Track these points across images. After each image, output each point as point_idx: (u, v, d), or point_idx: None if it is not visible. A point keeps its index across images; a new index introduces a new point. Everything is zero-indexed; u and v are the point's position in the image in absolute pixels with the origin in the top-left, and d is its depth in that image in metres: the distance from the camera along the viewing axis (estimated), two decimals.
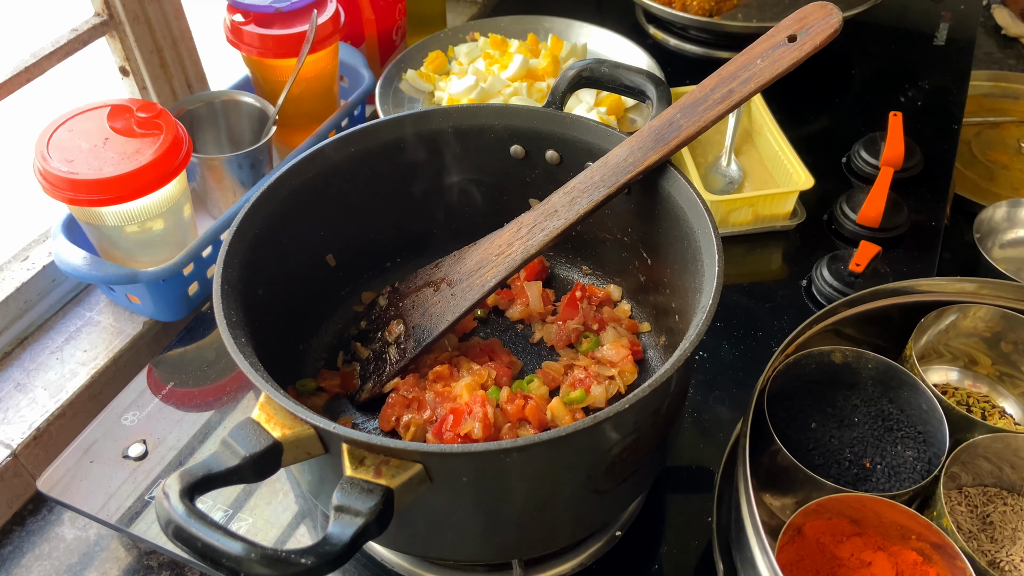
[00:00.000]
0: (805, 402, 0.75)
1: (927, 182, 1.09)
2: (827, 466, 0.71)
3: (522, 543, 0.64)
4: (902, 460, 0.71)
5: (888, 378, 0.74)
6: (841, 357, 0.75)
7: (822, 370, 0.75)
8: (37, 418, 0.83)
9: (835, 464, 0.71)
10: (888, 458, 0.71)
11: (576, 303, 0.81)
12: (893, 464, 0.71)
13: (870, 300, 0.76)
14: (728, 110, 0.66)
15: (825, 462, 0.71)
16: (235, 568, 0.46)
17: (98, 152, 0.82)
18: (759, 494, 0.72)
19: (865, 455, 0.71)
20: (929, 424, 0.71)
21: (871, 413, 0.74)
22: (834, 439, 0.73)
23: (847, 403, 0.75)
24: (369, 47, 1.23)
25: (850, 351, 0.74)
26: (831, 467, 0.71)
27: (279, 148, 1.10)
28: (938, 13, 1.42)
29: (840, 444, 0.72)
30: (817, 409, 0.75)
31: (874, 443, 0.72)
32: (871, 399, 0.75)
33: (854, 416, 0.74)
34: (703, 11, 1.25)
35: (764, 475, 0.71)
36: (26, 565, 0.77)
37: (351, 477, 0.51)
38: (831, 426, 0.74)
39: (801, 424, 0.74)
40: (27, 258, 0.93)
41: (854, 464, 0.71)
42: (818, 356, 0.74)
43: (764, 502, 0.73)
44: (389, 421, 0.73)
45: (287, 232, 0.73)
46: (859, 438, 0.73)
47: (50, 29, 0.93)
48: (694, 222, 0.67)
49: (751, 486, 0.61)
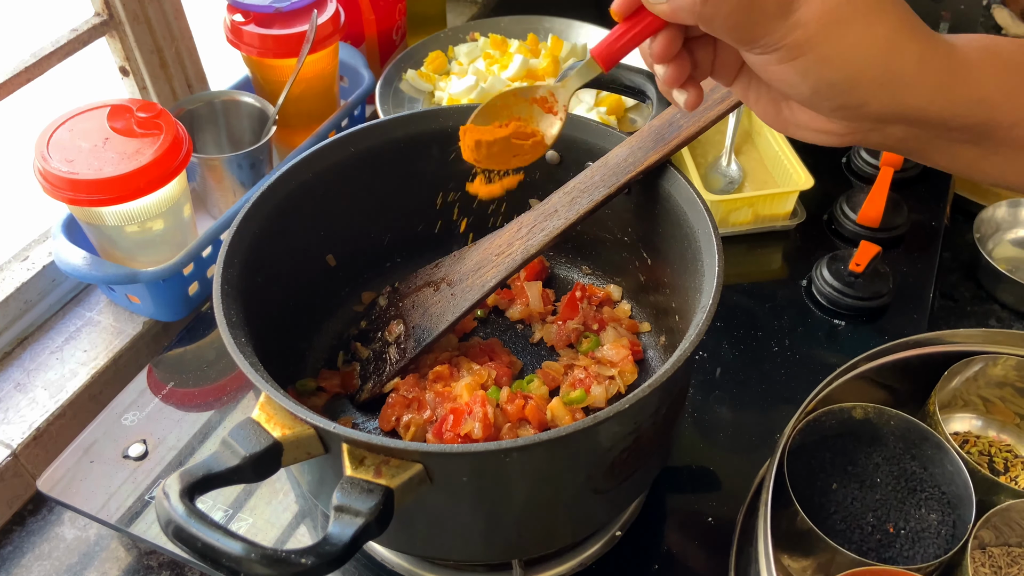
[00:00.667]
0: (824, 459, 0.73)
1: (927, 182, 1.09)
2: (849, 532, 0.69)
3: (522, 543, 0.64)
4: (926, 524, 0.68)
5: (911, 435, 0.72)
6: (862, 413, 0.72)
7: (843, 425, 0.73)
8: (37, 418, 0.83)
9: (858, 529, 0.69)
10: (912, 522, 0.69)
11: (576, 303, 0.81)
12: (917, 528, 0.68)
13: (894, 352, 0.74)
14: (728, 110, 0.66)
15: (847, 527, 0.69)
16: (235, 568, 0.46)
17: (98, 152, 0.82)
18: (778, 555, 0.69)
19: (888, 519, 0.69)
20: (953, 485, 0.68)
21: (894, 473, 0.72)
22: (856, 502, 0.70)
23: (869, 461, 0.73)
24: (369, 47, 1.23)
25: (871, 407, 0.72)
26: (853, 532, 0.68)
27: (279, 148, 1.10)
28: (938, 13, 1.41)
29: (863, 508, 0.70)
30: (837, 467, 0.72)
31: (897, 506, 0.70)
32: (893, 456, 0.73)
33: (876, 476, 0.72)
34: None
35: (783, 536, 0.68)
36: (26, 565, 0.77)
37: (351, 477, 0.51)
38: (853, 487, 0.71)
39: (822, 485, 0.72)
40: (27, 258, 0.93)
41: (877, 529, 0.69)
42: (839, 413, 0.72)
43: (782, 563, 0.70)
44: (389, 421, 0.73)
45: (287, 232, 0.73)
46: (882, 501, 0.70)
47: (50, 29, 0.93)
48: (694, 222, 0.67)
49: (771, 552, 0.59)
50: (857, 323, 0.91)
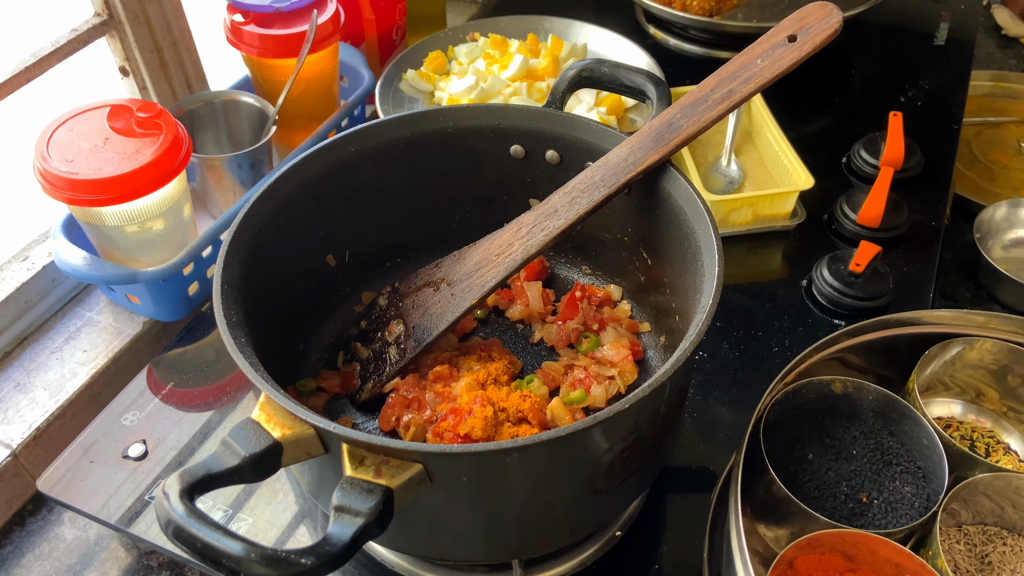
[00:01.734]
0: (803, 432, 0.74)
1: (927, 182, 1.09)
2: (823, 499, 0.69)
3: (522, 543, 0.64)
4: (900, 496, 0.69)
5: (889, 411, 0.72)
6: (841, 387, 0.73)
7: (822, 400, 0.74)
8: (37, 418, 0.83)
9: (831, 497, 0.69)
10: (886, 493, 0.70)
11: (576, 303, 0.81)
12: (890, 500, 0.69)
13: (874, 330, 0.74)
14: (728, 110, 0.66)
15: (821, 495, 0.70)
16: (235, 568, 0.46)
17: (98, 152, 0.82)
18: (753, 524, 0.70)
19: (862, 489, 0.70)
20: (929, 460, 0.69)
21: (870, 446, 0.72)
22: (831, 471, 0.71)
23: (846, 434, 0.73)
24: (369, 47, 1.23)
25: (851, 382, 0.73)
26: (827, 500, 0.69)
27: (279, 148, 1.10)
28: (938, 13, 1.42)
29: (837, 477, 0.71)
30: (815, 439, 0.73)
31: (872, 477, 0.71)
32: (871, 431, 0.73)
33: (852, 448, 0.72)
34: (703, 11, 1.25)
35: (759, 505, 0.69)
36: (26, 565, 0.77)
37: (351, 477, 0.51)
38: (828, 458, 0.72)
39: (798, 455, 0.72)
40: (27, 258, 0.93)
41: (850, 498, 0.69)
42: (818, 385, 0.73)
43: (758, 532, 0.71)
44: (389, 421, 0.73)
45: (287, 232, 0.73)
46: (856, 471, 0.71)
47: (50, 29, 0.93)
48: (694, 222, 0.67)
49: (741, 517, 0.60)
50: (857, 323, 0.91)
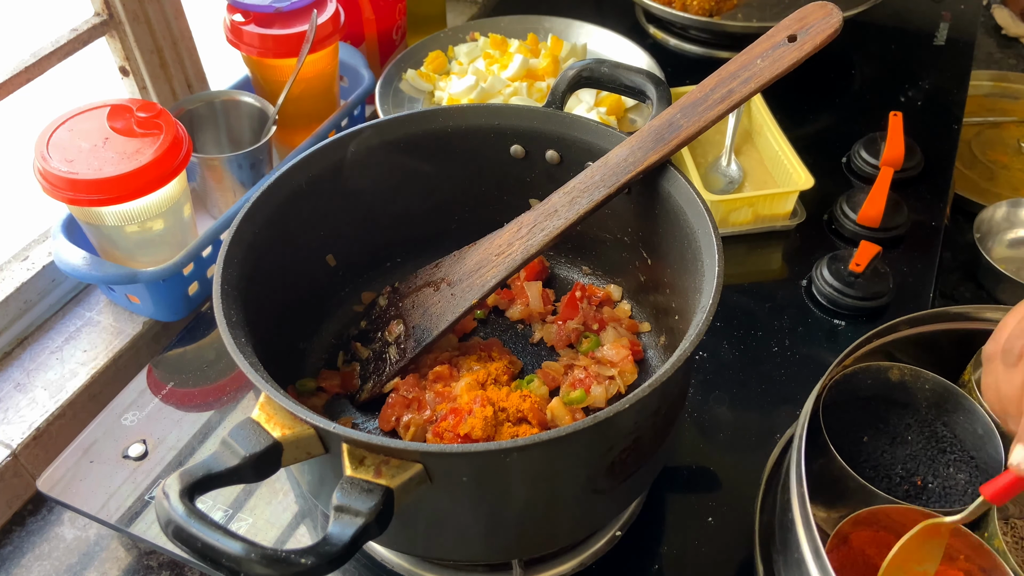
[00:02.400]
0: (858, 416, 0.74)
1: (927, 182, 1.09)
2: (878, 480, 0.69)
3: (522, 543, 0.64)
4: (954, 482, 0.69)
5: (944, 400, 0.72)
6: (898, 374, 0.73)
7: (877, 386, 0.74)
8: (37, 418, 0.83)
9: (886, 478, 0.70)
10: (940, 478, 0.69)
11: (576, 303, 0.81)
12: (945, 485, 0.69)
13: (933, 321, 0.74)
14: (728, 110, 0.66)
15: (876, 475, 0.69)
16: (235, 568, 0.46)
17: (98, 152, 0.82)
18: None
19: (917, 473, 0.70)
20: (984, 451, 0.69)
21: (924, 433, 0.72)
22: (886, 454, 0.71)
23: (900, 421, 0.73)
24: (369, 47, 1.23)
25: (908, 369, 0.73)
26: (882, 481, 0.69)
27: (279, 148, 1.10)
28: (938, 13, 1.42)
29: (892, 460, 0.71)
30: (869, 424, 0.73)
31: (927, 462, 0.71)
32: (925, 421, 0.73)
33: (907, 435, 0.72)
34: (703, 11, 1.25)
35: (812, 484, 0.68)
36: (26, 565, 0.77)
37: (351, 477, 0.51)
38: (883, 442, 0.72)
39: (853, 437, 0.72)
40: (27, 258, 0.93)
41: (905, 480, 0.69)
42: (875, 371, 0.73)
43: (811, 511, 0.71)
44: (389, 421, 0.73)
45: (287, 232, 0.73)
46: (911, 456, 0.71)
47: (50, 29, 0.93)
48: (694, 222, 0.67)
49: (805, 485, 0.60)
50: (857, 323, 0.91)
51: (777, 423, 0.81)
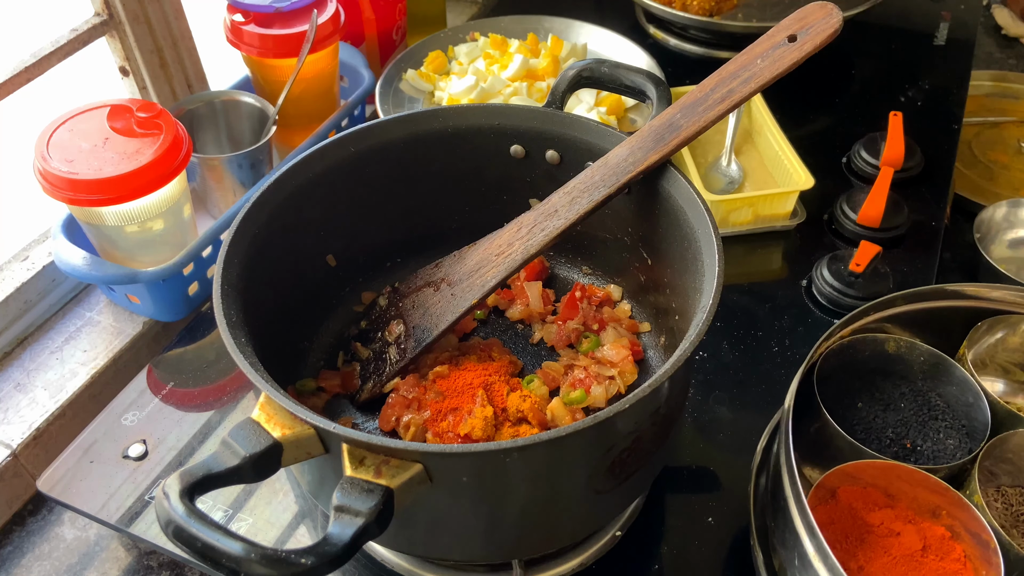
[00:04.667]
0: (854, 385, 0.77)
1: (927, 182, 1.09)
2: (869, 441, 0.72)
3: (522, 543, 0.64)
4: (943, 447, 0.72)
5: (938, 372, 0.75)
6: (895, 347, 0.76)
7: (874, 357, 0.76)
8: (37, 418, 0.83)
9: (876, 440, 0.73)
10: (930, 442, 0.72)
11: (576, 303, 0.81)
12: (935, 448, 0.72)
13: (930, 298, 0.76)
14: (728, 110, 0.66)
15: (867, 438, 0.73)
16: (235, 568, 0.46)
17: (98, 152, 0.82)
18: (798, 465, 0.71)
19: (907, 436, 0.73)
20: (974, 419, 0.72)
21: (917, 401, 0.75)
22: (878, 419, 0.74)
23: (895, 391, 0.76)
24: (369, 47, 1.23)
25: (904, 341, 0.75)
26: (872, 442, 0.72)
27: (279, 148, 1.10)
28: (938, 13, 1.41)
29: (884, 424, 0.74)
30: (865, 392, 0.76)
31: (917, 427, 0.74)
32: (919, 390, 0.76)
33: (900, 402, 0.76)
34: (703, 11, 1.25)
35: (806, 447, 0.72)
36: (26, 565, 0.77)
37: (351, 477, 0.51)
38: (877, 408, 0.75)
39: (847, 403, 0.76)
40: (27, 258, 0.93)
41: (895, 443, 0.72)
42: (872, 343, 0.75)
43: (803, 473, 0.74)
44: (389, 421, 0.73)
45: (287, 232, 0.73)
46: (903, 421, 0.74)
47: (50, 29, 0.93)
48: (694, 222, 0.67)
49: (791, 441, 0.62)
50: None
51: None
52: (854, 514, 0.66)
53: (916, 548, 0.64)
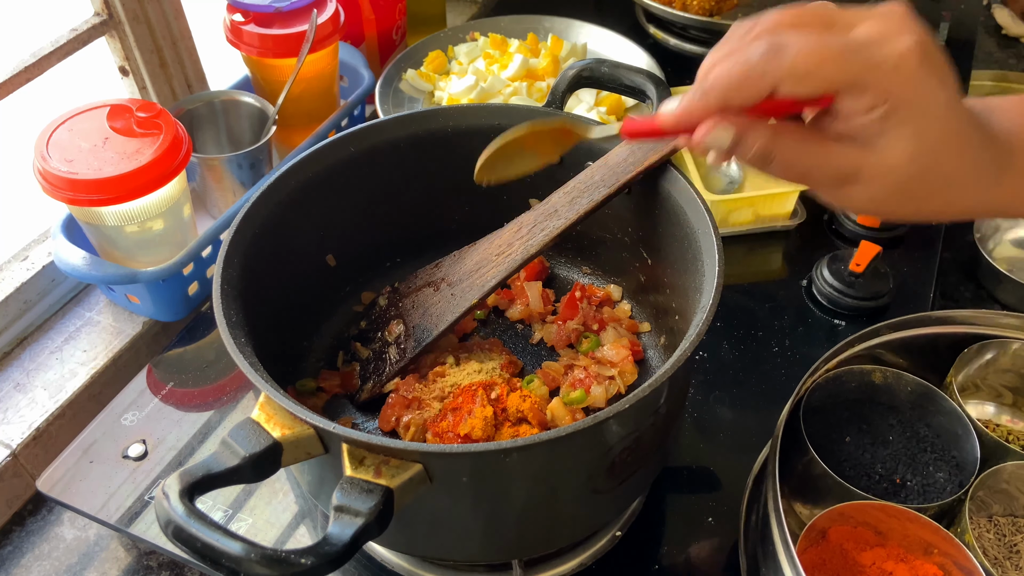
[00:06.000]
0: (841, 417, 0.76)
1: None
2: (858, 478, 0.71)
3: (522, 543, 0.64)
4: (933, 480, 0.71)
5: (926, 402, 0.74)
6: (881, 377, 0.75)
7: (861, 389, 0.76)
8: (37, 418, 0.83)
9: (866, 477, 0.72)
10: (919, 476, 0.71)
11: (576, 303, 0.81)
12: (924, 483, 0.71)
13: (915, 326, 0.76)
14: None
15: (856, 475, 0.72)
16: (235, 568, 0.46)
17: (98, 152, 0.82)
18: (788, 501, 0.72)
19: (896, 472, 0.72)
20: (963, 450, 0.71)
21: (906, 434, 0.75)
22: (867, 454, 0.73)
23: (883, 422, 0.75)
24: (369, 47, 1.23)
25: (891, 372, 0.75)
26: (862, 479, 0.71)
27: (279, 148, 1.09)
28: (938, 13, 1.41)
29: (873, 459, 0.73)
30: (853, 425, 0.75)
31: (907, 461, 0.73)
32: (907, 421, 0.75)
33: (889, 435, 0.75)
34: (703, 11, 1.25)
35: (795, 483, 0.71)
36: (26, 565, 0.77)
37: (351, 477, 0.51)
38: (865, 442, 0.74)
39: (836, 437, 0.75)
40: (27, 258, 0.93)
41: (885, 479, 0.71)
42: (859, 374, 0.75)
43: (794, 510, 0.73)
44: (389, 421, 0.73)
45: (287, 232, 0.73)
46: (892, 455, 0.73)
47: (50, 29, 0.93)
48: (694, 222, 0.67)
49: (778, 486, 0.61)
50: (857, 323, 0.91)
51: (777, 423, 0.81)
52: (845, 554, 0.66)
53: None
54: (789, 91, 0.41)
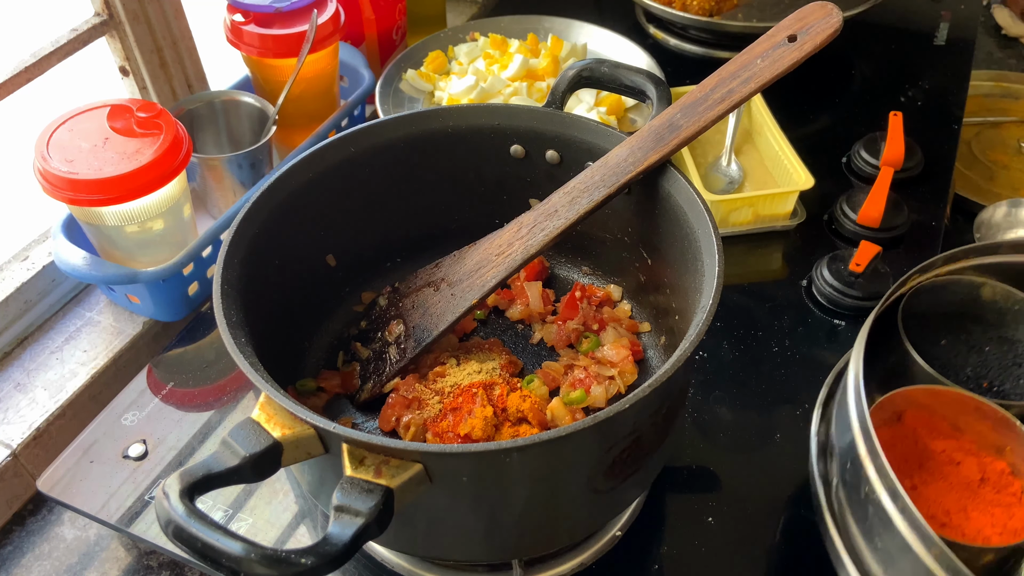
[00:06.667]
0: (940, 324, 0.73)
1: (927, 182, 1.09)
2: (945, 375, 0.69)
3: (522, 543, 0.64)
4: (1020, 391, 0.69)
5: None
6: (990, 293, 0.71)
7: (967, 302, 0.72)
8: (37, 418, 0.83)
9: (953, 375, 0.70)
10: (1007, 386, 0.70)
11: (576, 303, 0.81)
12: (1010, 392, 0.69)
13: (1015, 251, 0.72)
14: (728, 110, 0.66)
15: (944, 372, 0.69)
16: (235, 568, 0.46)
17: (98, 152, 0.82)
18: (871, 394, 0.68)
19: (986, 377, 0.71)
20: None
21: (1004, 348, 0.72)
22: (959, 357, 0.72)
23: (983, 335, 0.73)
24: (369, 47, 1.23)
25: (1000, 288, 0.71)
26: (949, 376, 0.69)
27: (279, 148, 1.10)
28: (938, 13, 1.41)
29: (964, 363, 0.72)
30: (950, 333, 0.73)
31: (998, 370, 0.71)
32: (1008, 339, 0.72)
33: (985, 346, 0.72)
34: (703, 11, 1.25)
35: (880, 377, 0.68)
36: (26, 565, 0.77)
37: (351, 477, 0.51)
38: (960, 348, 0.73)
39: (930, 339, 0.73)
40: (27, 258, 0.93)
41: (973, 381, 0.70)
42: (968, 285, 0.71)
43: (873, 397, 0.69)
44: (389, 421, 0.73)
45: (287, 232, 0.73)
46: (984, 362, 0.71)
47: (50, 29, 0.93)
48: (694, 222, 0.67)
49: (864, 346, 0.59)
50: (857, 323, 0.91)
51: (777, 423, 0.81)
52: (917, 438, 0.65)
53: (974, 478, 0.64)
54: None
